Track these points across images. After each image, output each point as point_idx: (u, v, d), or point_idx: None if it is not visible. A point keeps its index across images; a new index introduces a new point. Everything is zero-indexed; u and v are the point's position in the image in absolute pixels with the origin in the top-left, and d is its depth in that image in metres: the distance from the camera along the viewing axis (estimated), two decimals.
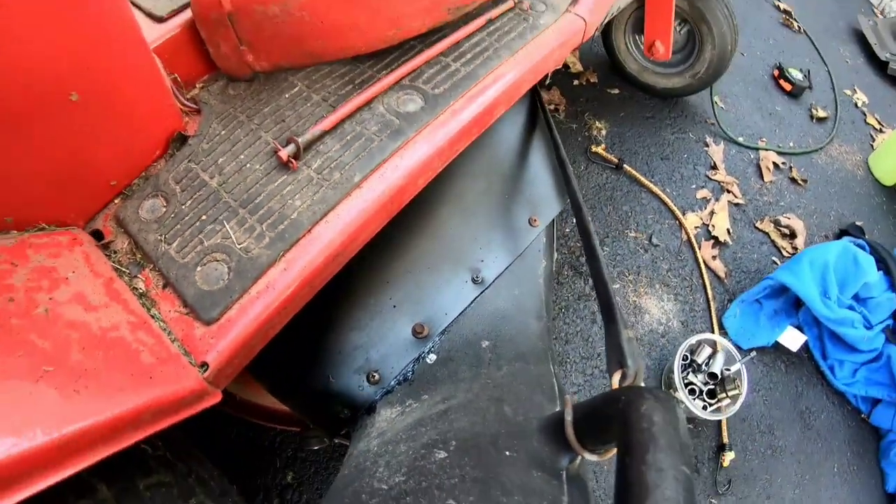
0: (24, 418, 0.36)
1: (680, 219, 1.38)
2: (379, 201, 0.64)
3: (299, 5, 0.68)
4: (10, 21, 0.44)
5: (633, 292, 1.24)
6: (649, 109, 1.64)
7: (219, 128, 0.69)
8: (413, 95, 0.76)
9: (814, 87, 1.92)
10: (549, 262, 0.92)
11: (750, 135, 1.67)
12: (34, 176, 0.52)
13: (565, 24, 0.90)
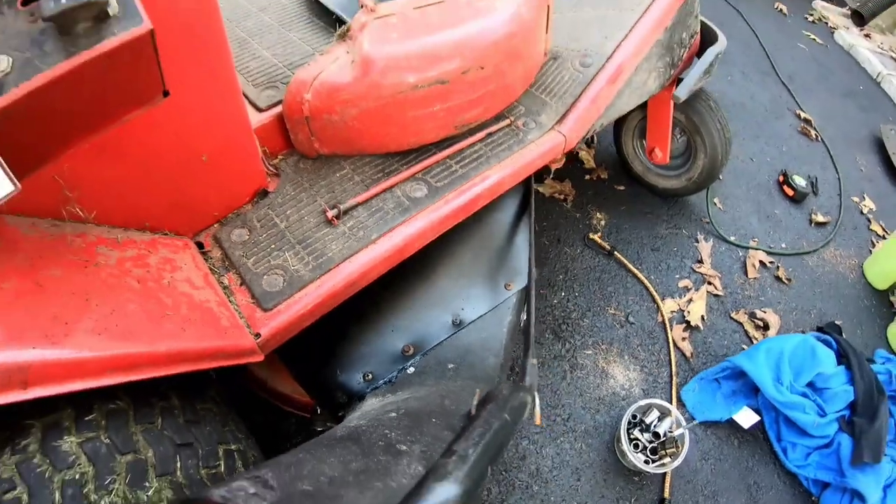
0: (150, 337, 0.69)
1: (658, 303, 1.60)
2: (385, 254, 0.99)
3: (352, 117, 1.05)
4: (182, 110, 0.82)
5: (602, 359, 1.47)
6: (649, 206, 1.90)
7: (290, 189, 1.06)
8: (421, 185, 1.10)
9: (819, 193, 2.11)
10: (515, 317, 1.19)
11: (743, 234, 1.88)
12: (171, 202, 0.89)
13: (547, 140, 1.22)
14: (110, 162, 0.79)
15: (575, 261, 1.70)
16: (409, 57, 1.05)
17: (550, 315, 1.56)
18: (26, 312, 0.62)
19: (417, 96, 1.07)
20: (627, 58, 1.29)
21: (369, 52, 1.04)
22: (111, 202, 0.82)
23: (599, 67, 1.29)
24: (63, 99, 0.63)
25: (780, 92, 2.60)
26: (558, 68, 1.33)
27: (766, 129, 2.36)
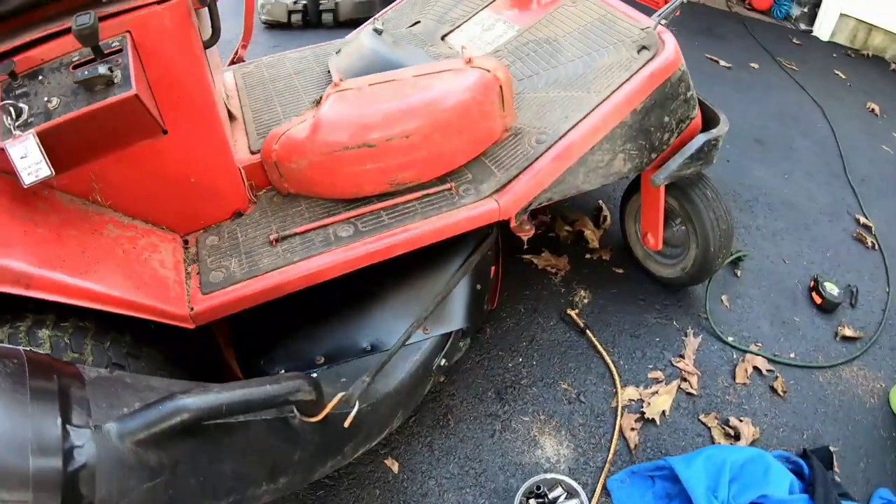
0: (114, 285, 1.00)
1: (617, 386, 1.56)
2: (300, 274, 1.19)
3: (304, 167, 1.29)
4: (177, 145, 1.15)
5: (537, 429, 1.47)
6: (644, 293, 1.87)
7: (258, 215, 1.33)
8: (349, 228, 1.27)
9: (858, 306, 1.91)
10: (423, 358, 1.27)
11: (745, 337, 1.76)
12: (166, 208, 1.22)
13: (480, 206, 1.33)
14: (125, 171, 1.13)
15: (544, 332, 1.72)
16: (345, 123, 1.26)
17: (500, 377, 1.59)
18: (43, 249, 0.97)
19: (350, 155, 1.26)
20: (579, 137, 1.37)
21: (320, 116, 1.26)
22: (123, 198, 1.17)
23: (550, 145, 1.38)
24: (87, 128, 1.00)
25: (845, 195, 2.42)
26: (516, 143, 1.44)
27: (813, 231, 2.20)
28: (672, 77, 1.44)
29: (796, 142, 2.78)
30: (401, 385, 1.21)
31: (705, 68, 3.49)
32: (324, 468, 1.00)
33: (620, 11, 1.63)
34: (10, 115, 0.93)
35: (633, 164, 1.51)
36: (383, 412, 1.17)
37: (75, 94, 0.97)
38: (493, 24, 1.88)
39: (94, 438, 0.65)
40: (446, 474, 1.37)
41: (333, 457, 1.01)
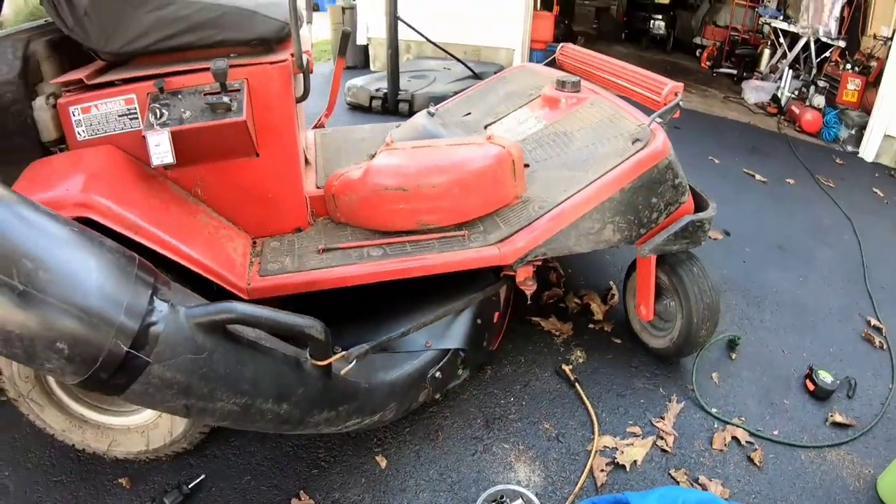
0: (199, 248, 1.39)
1: (595, 433, 1.72)
2: (335, 276, 1.54)
3: (354, 201, 1.68)
4: (264, 167, 1.61)
5: (514, 455, 1.64)
6: (637, 362, 2.04)
7: (314, 233, 1.73)
8: (379, 251, 1.61)
9: (855, 398, 1.97)
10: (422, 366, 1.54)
11: (729, 411, 1.88)
12: (248, 213, 1.66)
13: (484, 251, 1.63)
14: (223, 178, 1.57)
15: (538, 381, 1.92)
16: (388, 170, 1.64)
17: (491, 409, 1.79)
18: (153, 213, 1.37)
19: (388, 195, 1.63)
20: (570, 206, 1.68)
21: (371, 164, 1.65)
22: (217, 198, 1.61)
23: (547, 210, 1.69)
24: (205, 137, 1.43)
25: (860, 300, 2.52)
26: (523, 208, 1.76)
27: (819, 329, 2.31)
28: (659, 164, 1.73)
29: (819, 251, 2.93)
30: (398, 379, 1.48)
31: (741, 181, 3.73)
32: (317, 418, 1.25)
33: (626, 111, 1.97)
34: (155, 115, 1.40)
35: (622, 236, 1.77)
36: (378, 396, 1.43)
37: (203, 112, 1.43)
38: (527, 118, 2.27)
39: (168, 312, 1.00)
40: (426, 477, 1.56)
41: (328, 410, 1.27)
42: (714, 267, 2.65)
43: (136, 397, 1.02)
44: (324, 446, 1.67)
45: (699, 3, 9.40)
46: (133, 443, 1.58)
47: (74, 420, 1.55)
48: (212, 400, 1.05)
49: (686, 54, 8.70)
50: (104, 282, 0.95)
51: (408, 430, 1.72)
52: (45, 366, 0.94)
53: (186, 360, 0.99)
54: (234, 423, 1.16)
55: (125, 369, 0.95)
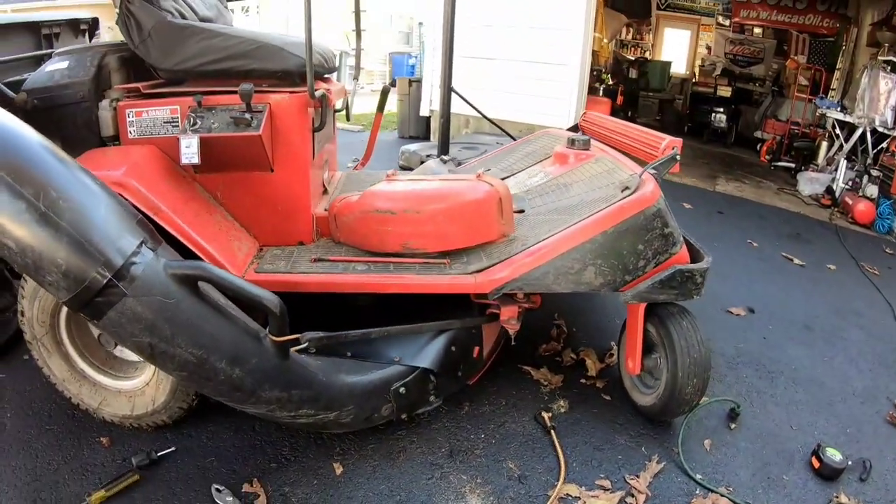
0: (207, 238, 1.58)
1: (560, 479, 1.64)
2: (319, 281, 1.68)
3: (350, 221, 1.80)
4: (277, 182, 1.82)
5: (469, 488, 1.60)
6: (624, 420, 1.95)
7: (313, 248, 1.90)
8: (365, 267, 1.75)
9: (869, 481, 1.77)
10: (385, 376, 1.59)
11: (717, 479, 1.73)
12: (258, 223, 1.85)
13: (460, 278, 1.68)
14: (241, 187, 1.79)
15: (514, 423, 1.88)
16: (381, 195, 1.80)
17: (459, 442, 1.77)
18: (175, 202, 1.59)
19: (378, 217, 1.77)
20: (549, 244, 1.71)
21: (369, 189, 1.78)
22: (234, 203, 1.82)
23: (528, 246, 1.72)
24: (227, 146, 1.65)
25: (890, 383, 2.31)
26: (507, 245, 1.81)
27: (838, 409, 2.12)
28: (646, 211, 1.74)
29: (850, 332, 2.74)
30: (359, 383, 1.54)
31: (777, 264, 3.61)
32: (269, 395, 1.32)
33: (624, 165, 2.02)
34: (190, 122, 1.65)
35: (605, 280, 1.76)
36: (334, 392, 1.48)
37: (228, 125, 1.67)
38: (537, 173, 2.36)
39: (151, 259, 1.20)
40: (375, 491, 1.54)
41: (280, 389, 1.34)
42: (731, 340, 2.55)
43: (111, 327, 1.21)
44: (289, 445, 1.72)
45: (762, 98, 9.43)
46: (120, 405, 1.76)
47: (75, 373, 1.76)
48: (173, 344, 1.20)
49: (748, 148, 8.62)
50: (107, 222, 1.20)
51: (372, 445, 1.72)
52: (46, 278, 1.18)
53: (156, 300, 1.17)
54: (190, 377, 1.27)
55: (105, 295, 1.16)
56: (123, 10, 1.83)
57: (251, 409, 1.40)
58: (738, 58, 10.08)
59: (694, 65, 10.89)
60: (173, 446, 1.70)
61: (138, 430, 1.76)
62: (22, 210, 1.16)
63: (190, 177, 1.77)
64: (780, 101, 8.55)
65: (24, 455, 1.69)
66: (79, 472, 1.63)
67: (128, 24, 1.83)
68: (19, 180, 1.17)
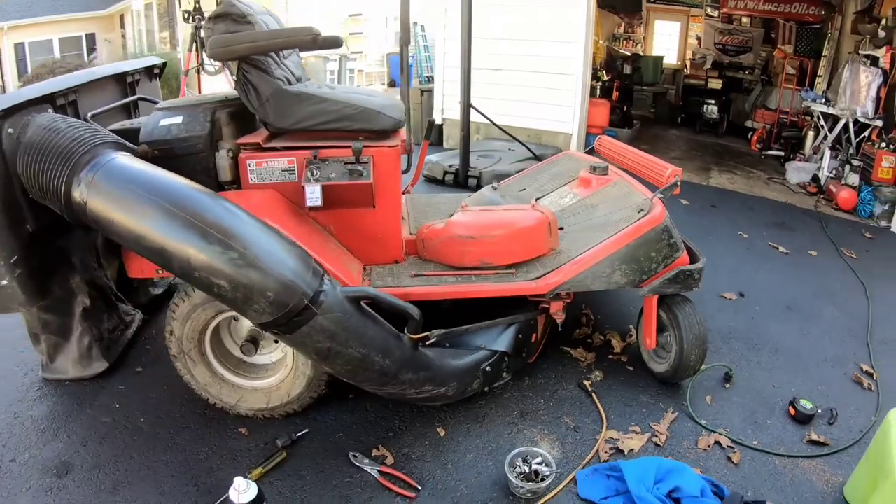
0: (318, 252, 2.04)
1: (604, 427, 2.30)
2: (421, 292, 2.27)
3: (437, 244, 2.44)
4: (378, 216, 2.43)
5: (540, 436, 2.24)
6: (644, 384, 2.60)
7: (406, 265, 2.46)
8: (453, 279, 2.35)
9: (835, 425, 2.41)
10: (477, 359, 2.20)
11: (716, 423, 2.39)
12: (361, 247, 2.42)
13: (524, 283, 2.32)
14: (349, 221, 2.33)
15: (563, 390, 2.53)
16: (462, 224, 2.40)
17: (526, 406, 2.42)
18: (298, 234, 2.08)
19: (461, 241, 2.37)
20: (589, 255, 2.35)
21: (451, 219, 2.41)
22: (343, 234, 2.35)
23: (571, 258, 2.37)
24: (343, 192, 2.20)
25: (858, 350, 2.97)
26: (556, 257, 2.45)
27: (812, 372, 2.78)
28: (656, 228, 2.39)
29: (826, 310, 3.40)
30: (459, 365, 2.16)
31: (764, 252, 4.26)
32: (405, 377, 1.94)
33: (639, 189, 2.66)
34: (312, 173, 2.17)
35: (628, 280, 2.41)
36: (444, 373, 2.10)
37: (343, 174, 2.19)
38: (567, 194, 3.00)
39: (330, 287, 1.77)
40: (472, 445, 2.20)
41: (412, 372, 1.96)
42: (724, 320, 3.21)
43: (300, 338, 1.76)
44: (398, 419, 2.33)
45: (752, 86, 10.05)
46: (256, 400, 2.24)
47: (216, 377, 2.23)
48: (346, 345, 1.79)
49: (738, 137, 9.23)
50: (295, 260, 1.75)
51: (462, 413, 2.36)
52: (252, 308, 1.69)
53: (337, 316, 1.76)
54: (352, 370, 1.88)
55: (302, 315, 1.71)
56: (242, 79, 2.19)
57: (388, 390, 2.01)
58: (728, 47, 10.71)
59: (684, 56, 11.54)
60: (306, 428, 2.21)
61: (269, 420, 2.25)
62: (234, 258, 1.64)
63: (307, 215, 2.31)
64: (769, 90, 9.17)
65: (170, 451, 2.11)
66: (228, 458, 2.09)
67: (246, 90, 2.20)
68: (226, 235, 1.65)
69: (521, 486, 1.93)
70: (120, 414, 2.35)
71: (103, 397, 2.44)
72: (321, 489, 1.99)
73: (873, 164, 5.53)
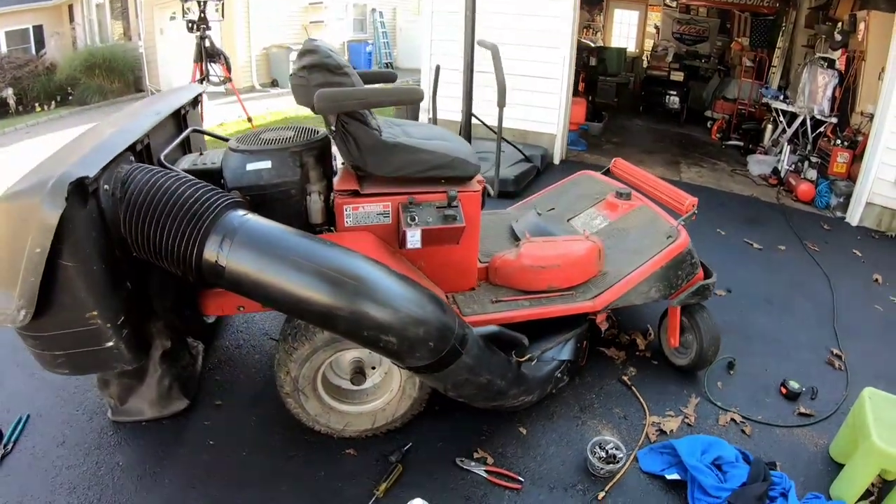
0: None
1: (647, 415, 3.00)
2: (502, 316, 2.83)
3: (509, 272, 3.01)
4: (459, 251, 2.93)
5: (601, 426, 2.92)
6: (668, 376, 3.32)
7: (481, 291, 3.02)
8: (527, 303, 2.94)
9: (816, 399, 3.21)
10: (553, 368, 2.83)
11: (729, 404, 3.14)
12: (444, 278, 2.90)
13: (583, 303, 2.97)
14: (436, 255, 2.78)
15: (608, 385, 3.22)
16: (531, 256, 2.98)
17: (583, 403, 3.08)
18: (395, 266, 2.47)
19: (532, 270, 2.96)
20: (631, 277, 3.02)
21: (519, 252, 3.01)
22: (429, 267, 2.81)
23: (619, 279, 3.02)
24: (438, 233, 2.65)
25: (827, 338, 3.81)
26: (604, 278, 3.10)
27: (793, 357, 3.59)
28: (682, 252, 3.09)
29: (797, 302, 4.25)
30: (542, 375, 2.78)
31: (742, 249, 5.09)
32: (512, 392, 2.54)
33: (662, 216, 3.35)
34: (411, 217, 2.58)
35: (660, 294, 3.11)
36: (534, 384, 2.72)
37: (438, 219, 2.60)
38: (596, 216, 3.64)
39: (467, 329, 2.29)
40: (550, 439, 2.83)
41: (517, 387, 2.56)
42: (719, 315, 3.94)
43: (444, 374, 2.24)
44: (485, 423, 2.90)
45: (709, 74, 11.01)
46: (362, 423, 2.56)
47: (325, 407, 2.51)
48: (478, 375, 2.35)
49: (698, 125, 10.17)
50: (446, 314, 2.20)
51: (534, 414, 2.99)
52: (415, 355, 2.04)
53: (475, 352, 2.29)
54: (476, 393, 2.42)
55: (452, 356, 2.20)
56: (341, 129, 2.34)
57: (495, 403, 2.58)
58: (685, 36, 11.66)
59: (643, 44, 12.41)
60: (409, 442, 2.58)
61: (372, 438, 2.58)
62: (402, 317, 1.95)
63: (399, 253, 2.75)
64: (727, 81, 10.15)
65: (286, 480, 2.35)
66: (347, 478, 2.39)
67: (346, 140, 2.37)
68: (390, 297, 1.96)
69: (602, 468, 2.60)
70: (217, 450, 2.51)
71: (190, 435, 2.59)
72: (442, 493, 2.38)
73: (829, 159, 6.46)
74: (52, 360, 1.97)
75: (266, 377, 3.02)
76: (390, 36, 15.88)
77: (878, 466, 2.46)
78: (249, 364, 3.18)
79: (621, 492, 2.56)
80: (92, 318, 1.86)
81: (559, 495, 2.52)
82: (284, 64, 11.58)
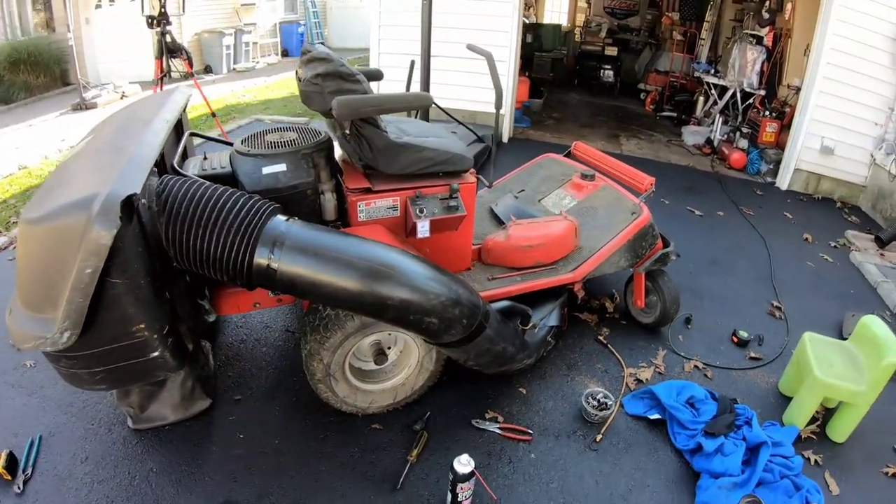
0: None
1: (624, 368, 3.56)
2: (498, 291, 3.26)
3: (498, 252, 3.46)
4: (456, 236, 3.29)
5: (588, 380, 3.45)
6: (636, 333, 3.91)
7: (476, 270, 3.46)
8: (518, 278, 3.40)
9: (763, 345, 3.89)
10: (545, 333, 3.32)
11: (691, 354, 3.76)
12: (446, 260, 3.06)
13: (564, 275, 3.47)
14: (438, 242, 3.15)
15: (587, 345, 3.76)
16: (520, 237, 3.44)
17: (567, 361, 3.60)
18: None
19: (521, 249, 3.43)
20: (604, 250, 3.55)
21: (508, 233, 3.47)
22: (433, 252, 3.14)
23: (594, 252, 3.54)
24: (443, 222, 3.04)
25: (766, 293, 4.52)
26: (579, 252, 3.61)
27: (740, 310, 4.27)
28: (645, 226, 3.64)
29: (738, 263, 4.96)
30: (537, 340, 3.26)
31: (685, 216, 5.77)
32: (517, 356, 3.00)
33: (625, 194, 3.89)
34: (419, 209, 2.96)
35: (628, 263, 3.66)
36: (532, 348, 3.19)
37: (443, 209, 2.97)
38: (565, 196, 4.14)
39: (489, 307, 2.73)
40: (546, 395, 3.34)
41: (521, 352, 3.03)
42: (674, 278, 4.59)
43: (470, 346, 2.66)
44: (489, 387, 3.36)
45: (640, 47, 11.77)
46: (385, 398, 2.85)
47: (353, 388, 2.75)
48: (496, 344, 2.78)
49: (632, 97, 10.91)
50: (473, 293, 2.60)
51: (529, 375, 3.48)
52: (450, 332, 2.48)
53: (495, 325, 2.73)
54: (490, 361, 2.87)
55: (479, 330, 2.60)
56: (355, 133, 2.56)
57: (503, 368, 3.03)
58: (616, 10, 12.35)
59: (575, 19, 13.04)
60: (427, 411, 2.91)
61: (393, 413, 2.87)
62: (443, 300, 2.25)
63: (407, 242, 3.08)
64: (658, 54, 10.92)
65: (324, 460, 2.56)
66: (381, 449, 2.66)
67: (359, 142, 2.60)
68: (429, 282, 2.26)
69: (596, 414, 3.12)
70: (248, 443, 2.64)
71: (218, 432, 2.69)
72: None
73: (759, 129, 7.28)
74: (90, 378, 2.00)
75: (278, 368, 3.26)
76: (321, 16, 15.78)
77: (821, 396, 3.11)
78: (258, 357, 3.38)
79: (614, 433, 3.10)
80: (139, 330, 1.92)
81: (564, 441, 3.02)
82: (217, 49, 11.36)
